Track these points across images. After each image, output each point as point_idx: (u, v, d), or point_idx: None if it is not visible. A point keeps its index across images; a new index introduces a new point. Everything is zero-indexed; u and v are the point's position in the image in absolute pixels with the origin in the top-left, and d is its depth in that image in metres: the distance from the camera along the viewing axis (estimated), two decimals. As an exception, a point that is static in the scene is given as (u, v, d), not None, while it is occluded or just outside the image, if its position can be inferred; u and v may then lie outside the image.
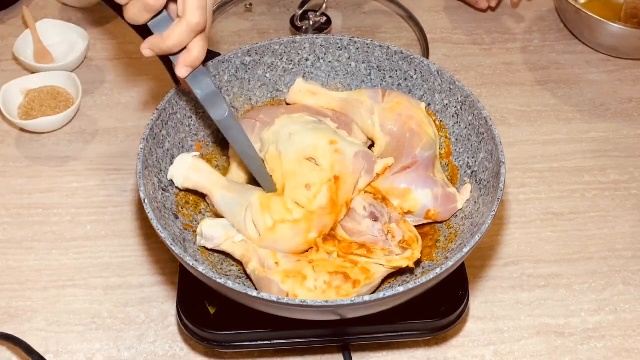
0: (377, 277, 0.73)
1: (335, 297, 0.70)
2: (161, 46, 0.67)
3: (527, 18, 1.28)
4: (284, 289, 0.70)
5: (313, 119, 0.80)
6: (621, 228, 0.96)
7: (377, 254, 0.74)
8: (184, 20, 0.65)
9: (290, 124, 0.78)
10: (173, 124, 0.81)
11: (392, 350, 0.83)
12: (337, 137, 0.77)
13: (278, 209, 0.74)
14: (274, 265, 0.73)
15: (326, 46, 0.89)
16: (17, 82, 1.06)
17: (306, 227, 0.74)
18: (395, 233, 0.76)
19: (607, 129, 1.09)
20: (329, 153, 0.75)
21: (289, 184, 0.75)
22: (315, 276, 0.71)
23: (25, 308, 0.86)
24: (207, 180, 0.77)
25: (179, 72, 0.69)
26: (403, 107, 0.83)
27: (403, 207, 0.80)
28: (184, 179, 0.77)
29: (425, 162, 0.81)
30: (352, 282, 0.71)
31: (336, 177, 0.75)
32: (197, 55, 0.68)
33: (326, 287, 0.70)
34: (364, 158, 0.77)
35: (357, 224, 0.77)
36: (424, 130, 0.82)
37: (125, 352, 0.82)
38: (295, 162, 0.76)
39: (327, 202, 0.74)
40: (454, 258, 0.67)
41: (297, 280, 0.70)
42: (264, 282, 0.72)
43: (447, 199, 0.80)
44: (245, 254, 0.75)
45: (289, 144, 0.77)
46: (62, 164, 1.01)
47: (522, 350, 0.84)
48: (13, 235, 0.93)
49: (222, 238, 0.75)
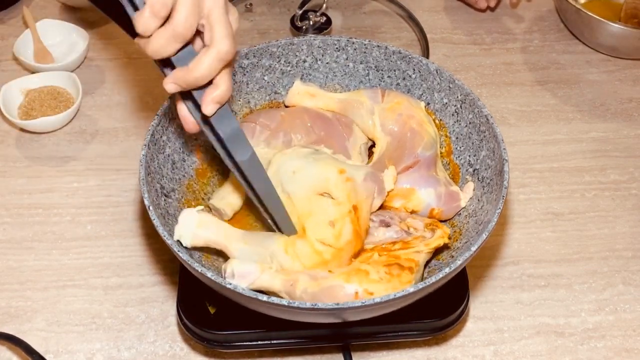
0: (422, 263, 0.74)
1: (399, 285, 0.69)
2: (187, 79, 0.61)
3: (527, 18, 1.28)
4: (350, 289, 0.68)
5: (309, 150, 0.78)
6: (621, 228, 0.96)
7: (413, 243, 0.74)
8: (213, 48, 0.60)
9: (289, 161, 0.76)
10: (173, 129, 0.81)
11: (392, 350, 0.83)
12: (342, 164, 0.76)
13: (306, 253, 0.71)
14: (328, 273, 0.70)
15: (324, 47, 0.89)
16: (17, 82, 1.06)
17: (337, 264, 0.72)
18: (415, 224, 0.76)
19: (607, 129, 1.09)
20: (342, 183, 0.74)
21: (309, 223, 0.72)
22: (375, 269, 0.70)
23: (25, 308, 0.86)
24: (218, 235, 0.72)
25: (206, 110, 0.62)
26: (403, 107, 0.83)
27: (407, 207, 0.80)
28: (193, 238, 0.71)
29: (427, 161, 0.81)
30: (407, 269, 0.70)
31: (354, 207, 0.74)
32: (225, 89, 0.62)
33: (389, 276, 0.69)
34: (373, 180, 0.76)
35: (373, 236, 0.76)
36: (424, 130, 0.82)
37: (125, 352, 0.82)
38: (309, 201, 0.73)
39: (352, 235, 0.73)
40: (462, 257, 0.67)
41: (361, 276, 0.68)
42: (324, 292, 0.68)
43: (450, 197, 0.80)
44: (288, 278, 0.69)
45: (296, 183, 0.74)
46: (62, 164, 1.01)
47: (522, 350, 0.84)
48: (13, 235, 0.93)
49: (257, 272, 0.69)
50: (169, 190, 0.78)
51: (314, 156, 0.77)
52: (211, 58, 0.60)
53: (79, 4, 1.23)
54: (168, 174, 0.79)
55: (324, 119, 0.85)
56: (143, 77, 1.14)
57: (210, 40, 0.61)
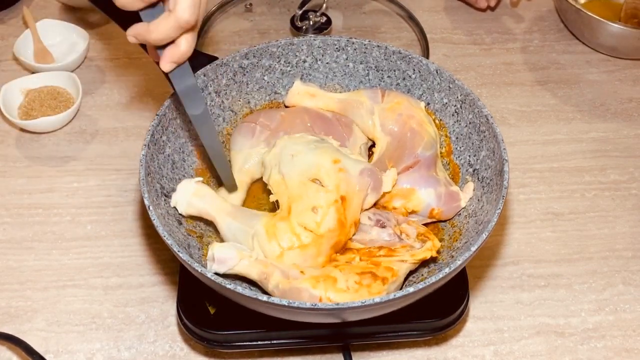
0: (402, 274, 0.73)
1: (367, 295, 0.69)
2: (145, 37, 0.65)
3: (527, 18, 1.28)
4: (316, 294, 0.68)
5: (315, 138, 0.79)
6: (621, 228, 0.96)
7: (399, 252, 0.73)
8: (173, 15, 0.63)
9: (291, 145, 0.77)
10: (173, 129, 0.81)
11: (392, 350, 0.83)
12: (341, 155, 0.76)
13: (285, 235, 0.72)
14: (300, 274, 0.70)
15: (324, 47, 0.89)
16: (17, 82, 1.06)
17: (315, 251, 0.72)
18: (408, 231, 0.76)
19: (607, 129, 1.09)
20: (333, 173, 0.74)
21: (295, 207, 0.73)
22: (345, 277, 0.70)
23: (25, 308, 0.86)
24: (210, 206, 0.75)
25: (163, 66, 0.67)
26: (403, 107, 0.83)
27: (407, 207, 0.80)
28: (187, 206, 0.76)
29: (427, 161, 0.81)
30: (380, 280, 0.70)
31: (342, 198, 0.74)
32: (184, 50, 0.66)
33: (357, 286, 0.69)
34: (369, 175, 0.76)
35: (367, 234, 0.76)
36: (424, 130, 0.82)
37: (125, 352, 0.82)
38: (300, 185, 0.74)
39: (335, 224, 0.73)
40: (462, 257, 0.67)
41: (328, 283, 0.69)
42: (293, 292, 0.69)
43: (450, 197, 0.80)
44: (264, 270, 0.71)
45: (292, 166, 0.75)
46: (62, 164, 1.01)
47: (522, 350, 0.84)
48: (13, 235, 0.93)
49: (236, 259, 0.71)
50: (169, 190, 0.78)
51: (317, 144, 0.77)
52: (169, 25, 0.64)
53: (79, 4, 1.23)
54: (168, 174, 0.79)
55: (324, 119, 0.85)
56: (143, 77, 1.14)
57: (173, 6, 0.63)
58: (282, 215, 0.74)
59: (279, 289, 0.70)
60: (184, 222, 0.78)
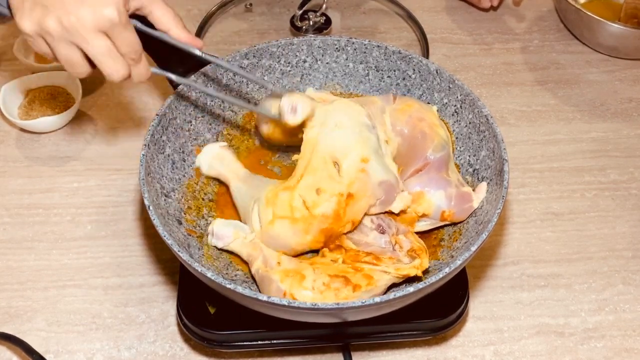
0: (380, 285, 0.72)
1: (333, 299, 0.69)
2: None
3: (527, 18, 1.28)
4: (282, 288, 0.70)
5: (367, 123, 0.77)
6: (621, 228, 0.96)
7: (385, 262, 0.73)
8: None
9: (343, 114, 0.76)
10: (173, 129, 0.81)
11: (392, 350, 0.83)
12: (374, 155, 0.75)
13: (282, 205, 0.73)
14: (276, 265, 0.73)
15: (324, 47, 0.89)
16: (17, 82, 1.06)
17: (304, 228, 0.73)
18: (402, 243, 0.75)
19: (607, 129, 1.09)
20: (354, 170, 0.74)
21: (305, 180, 0.74)
22: (314, 277, 0.71)
23: (25, 308, 0.86)
24: (227, 169, 0.81)
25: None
26: (414, 109, 0.82)
27: (417, 211, 0.78)
28: (209, 167, 0.82)
29: (437, 163, 0.79)
30: (352, 286, 0.70)
31: (350, 195, 0.74)
32: (138, 80, 0.72)
33: (324, 288, 0.70)
34: (386, 190, 0.75)
35: (364, 236, 0.76)
36: (435, 132, 0.80)
37: (125, 352, 0.82)
38: (322, 160, 0.74)
39: (331, 212, 0.73)
40: (461, 257, 0.67)
41: (295, 280, 0.70)
42: (266, 281, 0.72)
43: (462, 198, 0.78)
44: (252, 253, 0.75)
45: (329, 135, 0.75)
46: (62, 164, 1.01)
47: (522, 350, 0.84)
48: (13, 235, 0.93)
49: (231, 237, 0.76)
50: (169, 190, 0.78)
51: (364, 130, 0.76)
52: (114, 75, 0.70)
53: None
54: (168, 174, 0.79)
55: None
56: (143, 77, 1.14)
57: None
58: (289, 185, 0.75)
59: (259, 274, 0.74)
60: (184, 222, 0.78)
